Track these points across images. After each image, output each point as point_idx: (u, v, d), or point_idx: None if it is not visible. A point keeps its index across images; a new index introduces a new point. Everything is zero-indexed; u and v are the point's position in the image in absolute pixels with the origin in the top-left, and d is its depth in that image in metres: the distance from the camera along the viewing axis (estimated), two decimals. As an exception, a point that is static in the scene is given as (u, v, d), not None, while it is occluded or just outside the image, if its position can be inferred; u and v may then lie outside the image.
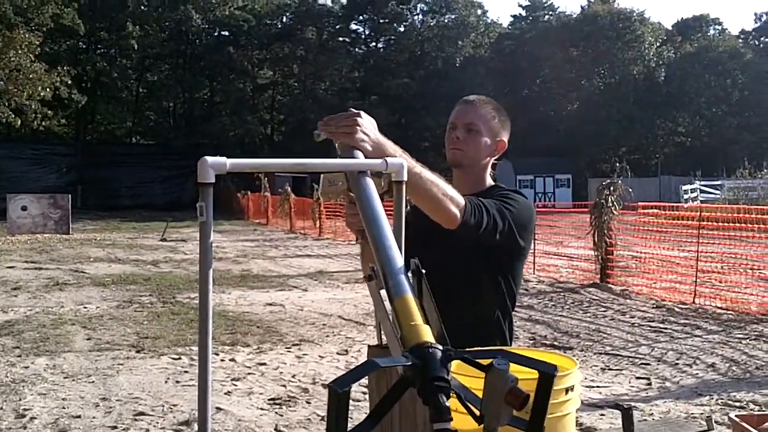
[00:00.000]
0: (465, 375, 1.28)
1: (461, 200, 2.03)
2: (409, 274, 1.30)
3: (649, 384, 6.06)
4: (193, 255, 17.19)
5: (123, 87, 50.54)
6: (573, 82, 51.92)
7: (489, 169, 2.47)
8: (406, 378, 1.10)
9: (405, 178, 1.50)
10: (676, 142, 53.83)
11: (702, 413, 5.08)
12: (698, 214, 11.57)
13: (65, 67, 31.98)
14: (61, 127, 43.49)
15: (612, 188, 11.70)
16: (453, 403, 1.08)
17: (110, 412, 5.23)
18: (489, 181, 2.47)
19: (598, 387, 5.90)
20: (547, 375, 1.08)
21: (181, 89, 50.97)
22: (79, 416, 5.11)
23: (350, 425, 1.06)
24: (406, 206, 1.90)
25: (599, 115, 48.26)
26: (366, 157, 1.67)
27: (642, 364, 6.74)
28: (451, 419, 1.05)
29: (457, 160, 2.40)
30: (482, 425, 1.10)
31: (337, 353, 7.19)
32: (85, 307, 9.82)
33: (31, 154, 44.28)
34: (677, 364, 6.73)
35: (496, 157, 2.47)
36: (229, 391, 5.75)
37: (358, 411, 4.48)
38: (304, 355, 7.10)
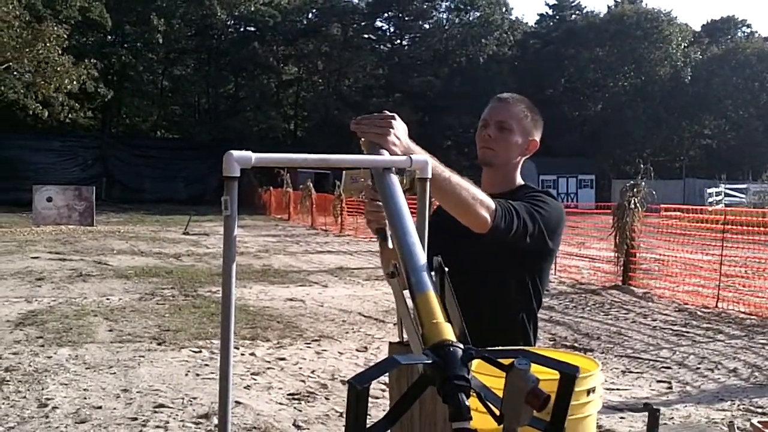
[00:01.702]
0: (486, 374, 1.28)
1: (491, 204, 2.00)
2: (432, 272, 1.30)
3: (670, 388, 6.02)
4: (215, 249, 17.28)
5: (148, 81, 50.85)
6: (598, 82, 51.57)
7: (519, 169, 2.44)
8: (426, 376, 1.10)
9: (429, 175, 1.50)
10: (702, 144, 53.34)
11: (723, 418, 5.03)
12: (723, 217, 11.46)
13: (92, 60, 32.21)
14: (87, 120, 43.81)
15: (635, 190, 11.61)
16: (473, 402, 1.08)
17: (131, 403, 5.27)
18: (519, 181, 2.44)
19: (618, 390, 5.86)
20: (569, 376, 1.07)
21: (206, 84, 51.20)
22: (100, 407, 5.16)
23: (369, 422, 1.06)
24: (432, 208, 1.91)
25: (624, 116, 47.88)
26: None
27: (663, 367, 6.69)
28: (471, 418, 1.04)
29: (488, 159, 2.37)
30: (502, 425, 1.10)
31: (357, 350, 7.19)
32: (108, 299, 9.91)
33: (58, 146, 44.69)
34: (699, 368, 6.67)
35: (527, 157, 2.44)
36: (248, 385, 5.78)
37: (377, 408, 4.48)
38: (323, 351, 7.12)
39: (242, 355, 6.80)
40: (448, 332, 1.14)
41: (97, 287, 10.98)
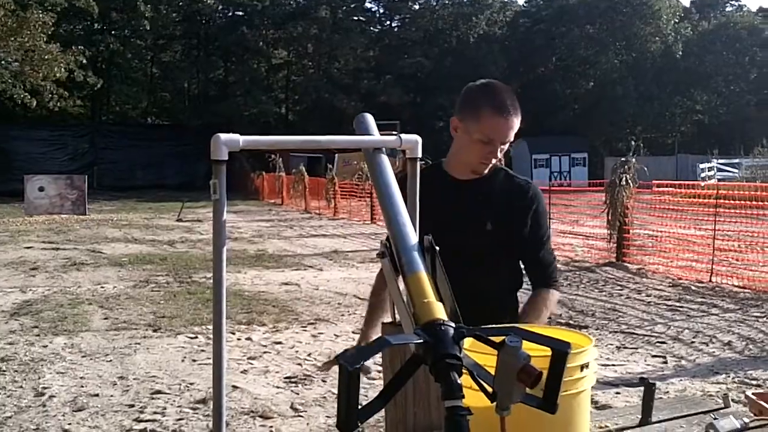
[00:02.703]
0: (478, 352, 1.28)
1: (556, 296, 2.48)
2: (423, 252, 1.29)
3: (665, 362, 6.05)
4: (208, 235, 17.25)
5: (137, 68, 50.57)
6: (589, 59, 51.44)
7: None
8: (418, 355, 1.10)
9: (419, 155, 1.50)
10: (694, 120, 53.33)
11: (718, 391, 5.06)
12: (715, 192, 11.48)
13: (79, 47, 31.99)
14: (76, 108, 43.59)
15: (627, 167, 11.62)
16: (465, 380, 1.08)
17: (128, 390, 5.28)
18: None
19: (613, 365, 5.89)
20: (560, 352, 1.07)
21: (196, 70, 50.96)
22: (97, 394, 5.16)
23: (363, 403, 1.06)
24: (434, 190, 1.97)
25: (616, 93, 47.82)
26: None
27: (658, 342, 6.72)
28: (463, 396, 1.04)
29: (482, 171, 2.37)
30: (494, 403, 1.10)
31: (353, 332, 7.20)
32: (103, 287, 9.90)
33: (48, 136, 44.48)
34: (693, 342, 6.71)
35: None
36: (245, 370, 5.79)
37: (374, 389, 4.49)
38: (319, 334, 7.14)
39: (238, 339, 6.81)
40: (440, 311, 1.14)
41: (92, 276, 10.97)
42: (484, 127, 2.27)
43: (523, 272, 2.52)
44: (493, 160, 2.35)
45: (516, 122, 2.30)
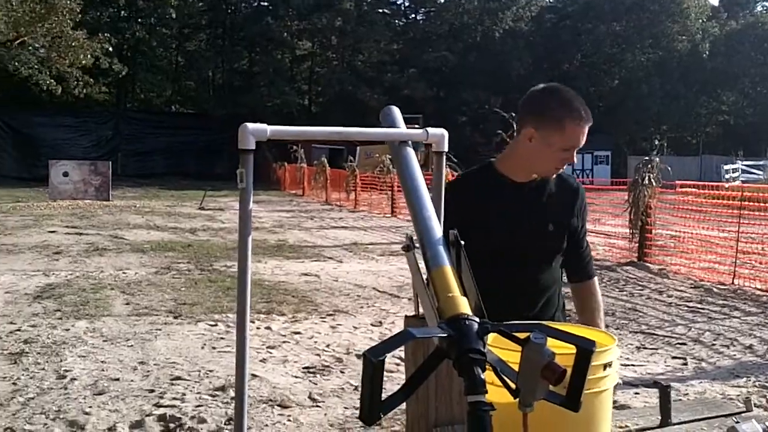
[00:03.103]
0: (502, 348, 1.28)
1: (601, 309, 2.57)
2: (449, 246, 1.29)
3: (685, 364, 6.01)
4: (229, 224, 17.34)
5: (162, 56, 50.80)
6: (615, 56, 51.03)
7: None
8: (441, 349, 1.10)
9: (446, 149, 1.50)
10: (719, 120, 52.79)
11: (739, 395, 5.02)
12: (740, 193, 11.36)
13: (105, 35, 32.19)
14: (101, 95, 43.90)
15: (650, 166, 11.52)
16: (488, 376, 1.08)
17: (148, 375, 5.32)
18: None
19: (633, 366, 5.86)
20: (586, 350, 1.07)
21: (220, 59, 51.10)
22: (117, 379, 5.21)
23: (384, 396, 1.06)
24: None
25: (641, 91, 47.40)
26: None
27: (678, 344, 6.68)
28: (486, 392, 1.04)
29: (551, 175, 2.42)
30: (518, 399, 1.10)
31: (371, 324, 7.22)
32: (124, 273, 9.98)
33: (73, 122, 44.79)
34: (714, 344, 6.65)
35: None
36: (264, 359, 5.82)
37: (391, 382, 4.50)
38: (338, 325, 7.15)
39: (258, 329, 6.84)
40: (464, 306, 1.14)
41: (114, 261, 11.06)
42: (569, 138, 2.28)
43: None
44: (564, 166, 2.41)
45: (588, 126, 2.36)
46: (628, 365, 5.83)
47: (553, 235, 2.42)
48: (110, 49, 33.12)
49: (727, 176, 33.14)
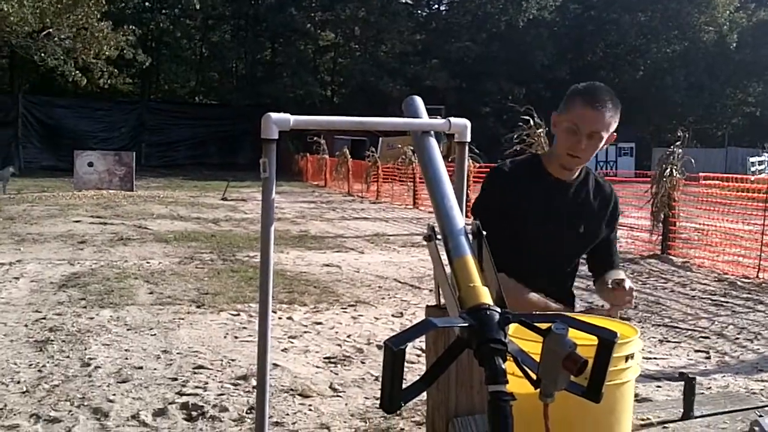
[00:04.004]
0: (522, 339, 1.28)
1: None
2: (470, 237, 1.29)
3: (708, 357, 5.96)
4: (252, 215, 17.42)
5: (186, 47, 51.04)
6: (640, 47, 50.53)
7: None
8: (462, 339, 1.10)
9: (468, 139, 1.49)
10: (746, 112, 52.14)
11: (762, 389, 4.98)
12: (765, 186, 11.23)
13: (130, 27, 32.38)
14: (126, 86, 44.22)
15: (673, 158, 11.41)
16: (509, 366, 1.08)
17: (171, 364, 5.37)
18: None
19: (655, 359, 5.82)
20: (608, 341, 1.06)
21: (243, 50, 51.23)
22: (141, 367, 5.26)
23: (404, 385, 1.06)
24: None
25: (665, 83, 46.93)
26: None
27: (701, 337, 6.62)
28: (507, 382, 1.05)
29: (573, 166, 2.42)
30: (539, 389, 1.10)
31: (392, 315, 7.24)
32: (148, 262, 10.06)
33: (97, 112, 45.17)
34: (738, 338, 6.59)
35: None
36: (285, 348, 5.85)
37: (412, 373, 4.51)
38: (359, 316, 7.17)
39: (279, 318, 6.87)
40: (485, 296, 1.14)
41: (138, 251, 11.16)
42: (572, 116, 2.30)
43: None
44: (582, 156, 2.36)
45: (607, 116, 2.31)
46: (651, 358, 5.80)
47: (582, 237, 2.46)
48: (135, 40, 33.28)
49: (753, 168, 32.76)
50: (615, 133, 2.41)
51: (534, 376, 1.09)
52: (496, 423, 1.01)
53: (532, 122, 13.48)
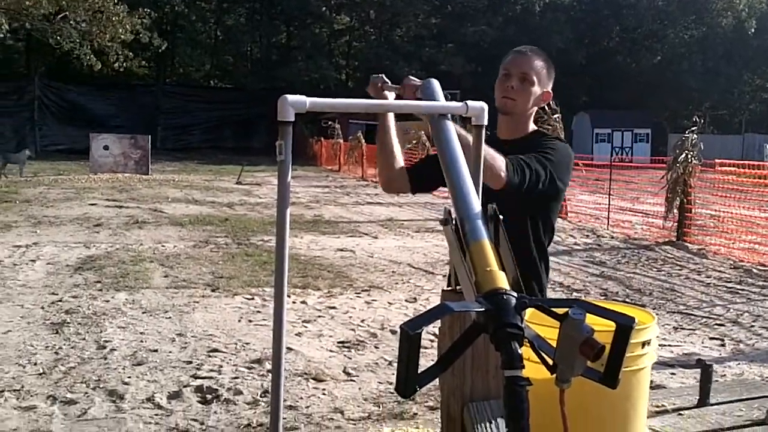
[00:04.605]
0: (537, 324, 1.27)
1: (502, 163, 2.16)
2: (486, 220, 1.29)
3: (723, 345, 5.94)
4: (266, 199, 17.46)
5: (201, 30, 51.04)
6: (657, 32, 50.08)
7: (533, 117, 2.60)
8: (478, 323, 1.10)
9: (485, 122, 1.48)
10: (763, 98, 51.64)
11: (777, 377, 4.96)
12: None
13: (145, 10, 32.38)
14: (141, 69, 44.33)
15: (689, 144, 11.32)
16: (525, 351, 1.07)
17: (185, 347, 5.40)
18: (531, 127, 2.59)
19: (669, 346, 5.80)
20: (625, 327, 1.06)
21: (258, 34, 51.16)
22: (156, 350, 5.30)
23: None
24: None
25: (682, 68, 46.53)
26: None
27: (716, 325, 6.59)
28: (523, 367, 1.04)
29: (509, 109, 2.50)
30: (555, 375, 1.09)
31: (406, 300, 7.24)
32: (163, 246, 10.11)
33: (113, 96, 45.33)
34: (753, 326, 6.56)
35: (540, 106, 2.60)
36: (299, 333, 5.87)
37: (425, 358, 4.51)
38: (373, 300, 7.18)
39: (293, 303, 6.90)
40: (502, 280, 1.13)
41: (153, 234, 11.21)
42: (504, 64, 2.51)
43: (552, 229, 2.59)
44: (516, 98, 2.45)
45: (535, 60, 2.48)
46: (665, 345, 5.78)
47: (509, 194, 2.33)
48: (150, 23, 33.28)
49: (770, 155, 32.47)
50: (551, 92, 2.55)
51: (550, 362, 1.09)
52: (512, 408, 1.01)
53: (546, 107, 13.38)
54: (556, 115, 13.31)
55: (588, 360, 1.04)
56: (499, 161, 2.14)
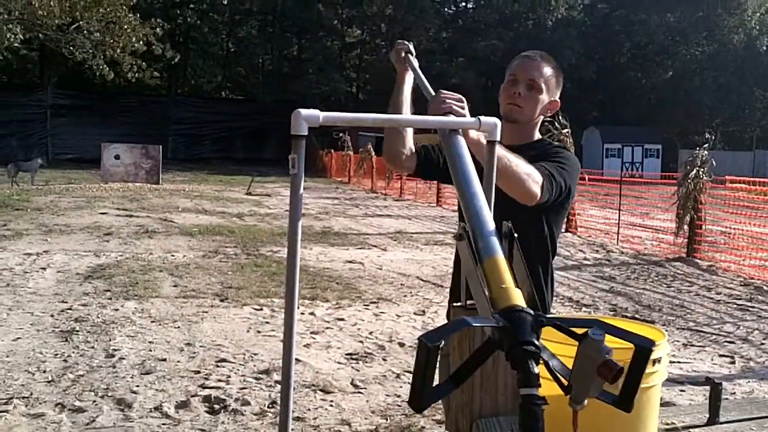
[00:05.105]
0: (548, 341, 1.27)
1: (539, 177, 2.06)
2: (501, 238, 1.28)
3: (733, 362, 5.90)
4: (276, 210, 17.48)
5: (213, 42, 51.35)
6: (668, 48, 50.06)
7: (538, 126, 2.52)
8: (493, 340, 1.09)
9: (498, 138, 1.48)
10: (775, 115, 51.49)
11: (788, 396, 4.91)
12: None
13: (158, 20, 32.59)
14: (153, 80, 44.52)
15: (700, 160, 11.29)
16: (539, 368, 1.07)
17: (194, 357, 5.40)
18: (536, 135, 2.51)
19: (679, 363, 5.77)
20: (644, 349, 1.05)
21: (270, 46, 51.42)
22: (164, 359, 5.30)
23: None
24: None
25: (693, 84, 46.47)
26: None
27: (726, 342, 6.55)
28: (539, 385, 1.04)
29: (514, 116, 2.41)
30: (569, 395, 1.08)
31: (414, 313, 7.23)
32: (173, 255, 10.13)
33: (125, 105, 45.57)
34: (763, 344, 6.51)
35: (547, 115, 2.52)
36: (308, 344, 5.86)
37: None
38: (381, 313, 7.17)
39: (302, 314, 6.89)
40: (518, 297, 1.13)
41: (163, 244, 11.23)
42: (511, 69, 2.42)
43: (556, 244, 2.50)
44: (522, 105, 2.38)
45: (543, 66, 2.40)
46: (675, 362, 5.74)
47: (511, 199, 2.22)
48: (162, 34, 33.49)
49: (781, 172, 32.33)
50: (558, 101, 2.46)
51: (565, 382, 1.08)
52: (528, 427, 1.01)
53: (556, 122, 13.36)
54: (566, 130, 13.31)
55: (606, 381, 1.04)
56: (535, 175, 2.05)
